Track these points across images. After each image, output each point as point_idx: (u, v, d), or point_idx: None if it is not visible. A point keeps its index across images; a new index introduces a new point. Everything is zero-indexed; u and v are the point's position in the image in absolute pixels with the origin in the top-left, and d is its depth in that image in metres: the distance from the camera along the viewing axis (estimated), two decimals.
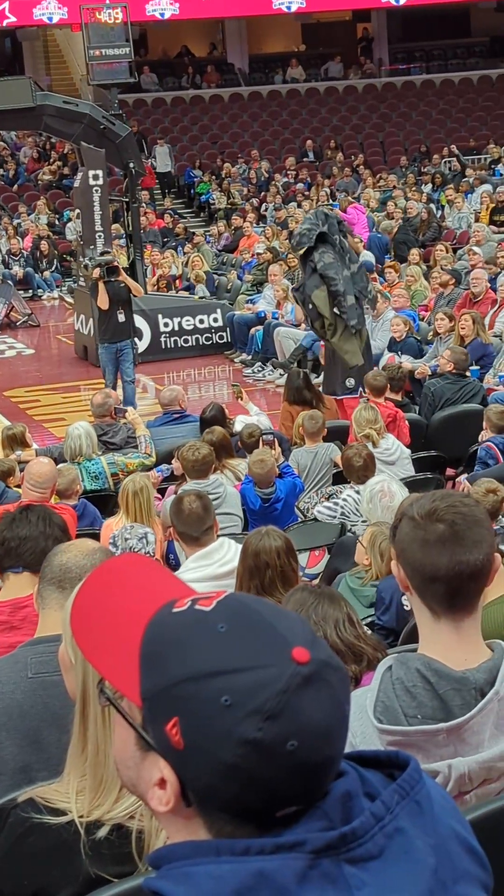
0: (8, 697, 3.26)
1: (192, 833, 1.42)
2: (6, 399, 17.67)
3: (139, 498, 7.70)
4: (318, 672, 1.40)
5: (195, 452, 8.19)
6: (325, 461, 9.61)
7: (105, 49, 20.80)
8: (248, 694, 1.37)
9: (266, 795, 1.38)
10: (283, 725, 1.36)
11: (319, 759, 1.38)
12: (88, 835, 2.40)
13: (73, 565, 3.27)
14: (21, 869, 2.48)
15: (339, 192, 30.25)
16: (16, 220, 29.63)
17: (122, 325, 15.52)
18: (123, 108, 23.04)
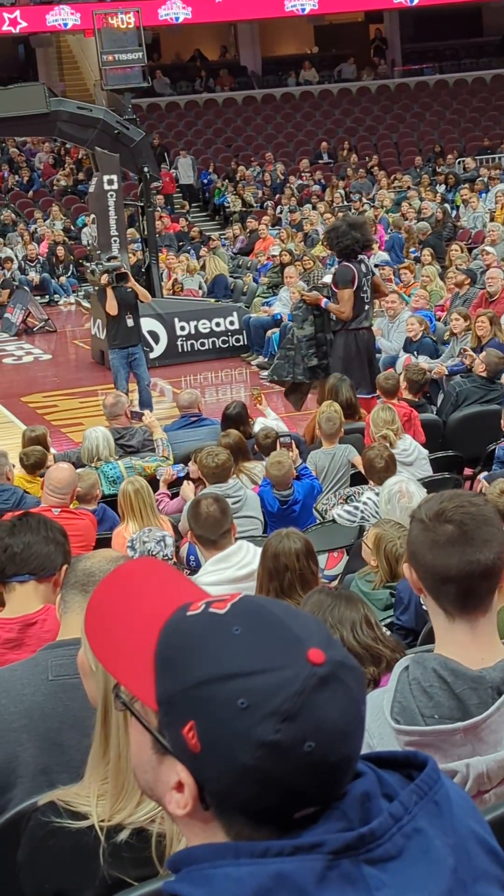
0: (29, 699, 3.28)
1: (211, 836, 1.43)
2: (24, 404, 17.71)
3: (140, 496, 7.71)
4: (333, 673, 1.40)
5: (214, 458, 8.20)
6: (342, 462, 9.60)
7: (118, 54, 20.83)
8: (265, 696, 1.37)
9: (284, 797, 1.38)
10: (300, 727, 1.36)
11: (337, 760, 1.38)
12: (109, 839, 2.41)
13: (97, 570, 3.28)
14: (42, 872, 2.49)
15: (354, 194, 30.26)
16: (32, 225, 29.70)
17: (132, 329, 15.54)
18: (137, 112, 23.10)
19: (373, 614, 4.21)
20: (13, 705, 3.30)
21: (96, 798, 2.46)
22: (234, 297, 21.95)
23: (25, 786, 3.16)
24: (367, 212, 27.38)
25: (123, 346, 15.43)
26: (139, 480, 8.01)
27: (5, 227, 29.73)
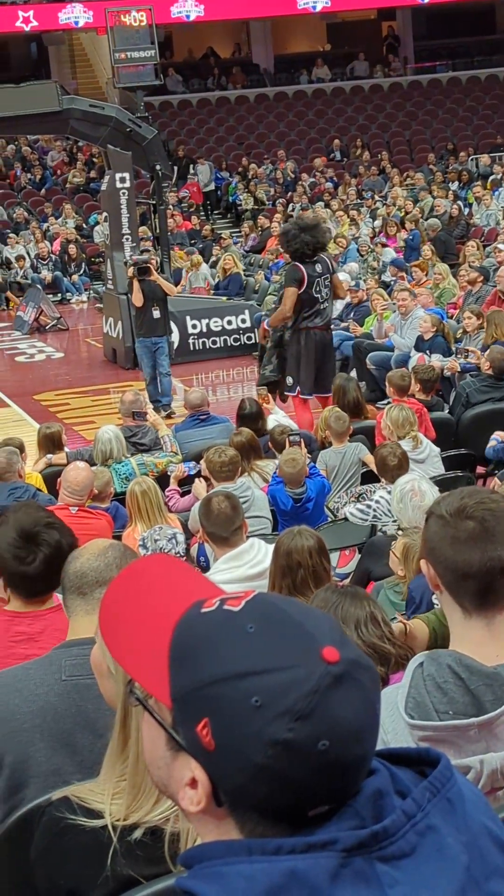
0: (42, 699, 3.28)
1: (224, 833, 1.42)
2: (36, 402, 17.73)
3: (148, 496, 7.71)
4: (348, 672, 1.39)
5: (221, 455, 8.18)
6: (353, 461, 9.59)
7: (130, 52, 20.84)
8: (279, 694, 1.37)
9: (298, 795, 1.37)
10: (313, 725, 1.36)
11: (351, 759, 1.38)
12: (122, 837, 2.41)
13: (88, 569, 3.29)
14: (55, 868, 2.49)
15: (366, 192, 30.24)
16: (44, 224, 29.75)
17: (157, 321, 16.04)
18: (149, 110, 23.14)
19: (381, 611, 4.19)
20: (26, 705, 3.30)
21: (111, 796, 2.46)
22: (246, 294, 21.94)
23: (38, 786, 3.16)
24: (380, 209, 27.38)
25: (148, 337, 16.03)
26: (147, 481, 8.00)
27: (18, 225, 29.78)
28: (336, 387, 11.15)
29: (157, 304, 15.93)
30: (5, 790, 3.31)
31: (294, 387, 12.82)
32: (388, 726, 2.54)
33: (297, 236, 12.87)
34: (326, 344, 13.10)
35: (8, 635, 3.96)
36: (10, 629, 3.99)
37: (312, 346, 12.82)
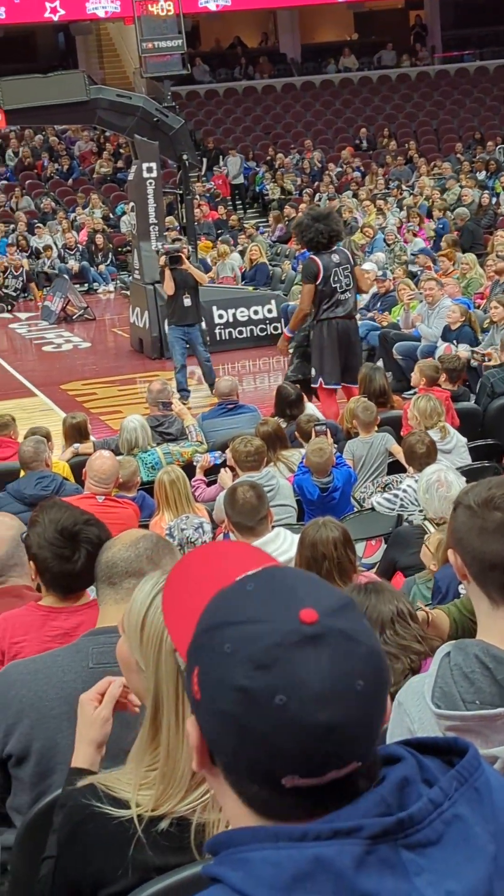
0: (69, 686, 3.30)
1: (234, 804, 1.44)
2: (63, 392, 17.77)
3: (176, 486, 7.73)
4: (322, 635, 1.39)
5: (247, 445, 8.18)
6: (380, 451, 9.59)
7: (157, 41, 20.83)
8: (247, 643, 1.39)
9: (262, 752, 1.38)
10: (271, 678, 1.37)
11: (312, 723, 1.37)
12: (149, 827, 2.42)
13: (119, 559, 3.30)
14: (79, 855, 2.50)
15: (393, 181, 30.17)
16: (71, 214, 29.78)
17: (188, 308, 16.10)
18: (176, 100, 23.12)
19: (407, 603, 4.18)
20: (54, 692, 3.32)
21: (138, 787, 2.47)
22: (272, 284, 21.91)
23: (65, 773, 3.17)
24: (407, 199, 27.31)
25: (179, 324, 16.13)
26: (175, 470, 8.02)
27: (45, 215, 29.82)
28: (362, 375, 11.15)
29: (188, 293, 16.02)
30: (33, 776, 3.34)
31: (317, 377, 12.81)
32: (415, 715, 2.54)
33: (311, 226, 12.90)
34: (350, 333, 13.06)
35: (44, 630, 3.97)
36: (45, 624, 3.99)
37: (335, 335, 12.79)
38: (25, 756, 3.35)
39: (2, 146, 33.06)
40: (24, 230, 28.38)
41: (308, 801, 1.39)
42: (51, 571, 4.02)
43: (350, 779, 1.40)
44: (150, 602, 2.55)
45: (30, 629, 3.99)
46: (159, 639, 2.50)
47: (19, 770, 3.37)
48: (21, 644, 3.96)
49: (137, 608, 2.57)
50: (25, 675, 3.39)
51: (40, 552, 4.03)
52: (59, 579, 4.02)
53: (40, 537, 4.06)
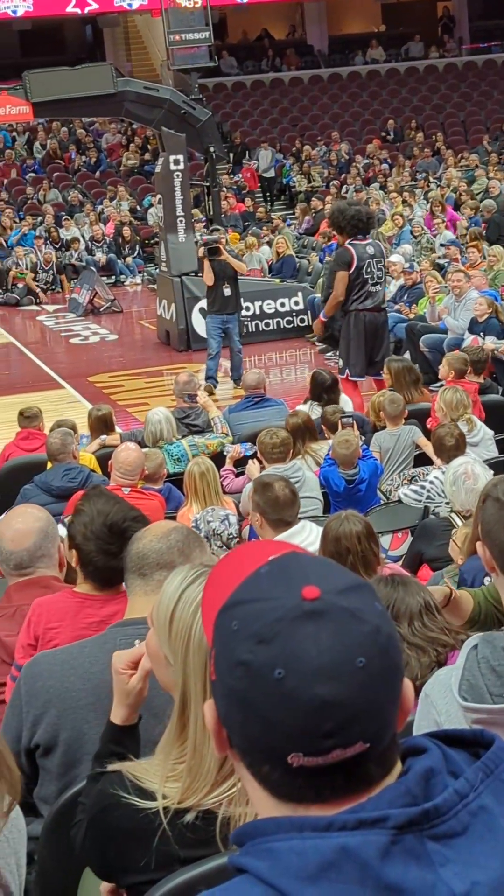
0: (97, 678, 3.30)
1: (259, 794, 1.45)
2: (90, 384, 17.80)
3: (206, 478, 7.75)
4: (324, 611, 1.40)
5: (273, 436, 8.18)
6: (407, 443, 9.58)
7: (185, 34, 20.82)
8: (251, 620, 1.42)
9: (265, 728, 1.39)
10: (272, 652, 1.39)
11: (310, 697, 1.37)
12: (174, 820, 2.43)
13: (149, 551, 3.29)
14: (103, 840, 2.52)
15: (420, 173, 30.08)
16: (98, 206, 29.82)
17: (228, 298, 16.35)
18: (203, 92, 23.08)
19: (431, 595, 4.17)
20: (81, 683, 3.33)
21: (164, 779, 2.48)
22: (299, 277, 21.89)
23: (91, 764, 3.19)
24: (434, 191, 27.22)
25: (219, 313, 16.37)
26: (205, 462, 8.03)
27: (73, 207, 29.87)
28: (398, 369, 11.09)
29: (227, 282, 16.26)
30: (60, 767, 3.35)
31: (344, 369, 12.80)
32: (442, 708, 2.55)
33: (348, 209, 13.08)
34: (378, 326, 13.04)
35: (79, 618, 3.97)
36: (81, 611, 4.00)
37: (362, 328, 12.79)
38: (52, 746, 3.36)
39: (30, 139, 33.12)
40: (51, 223, 28.43)
41: (317, 782, 1.40)
42: (94, 564, 4.02)
43: (359, 763, 1.40)
44: (178, 596, 2.56)
45: (65, 616, 3.99)
46: (188, 633, 2.51)
47: (46, 760, 3.39)
48: (56, 630, 3.96)
49: (166, 602, 2.57)
50: (53, 666, 3.40)
51: (85, 544, 4.02)
52: (102, 573, 4.02)
53: (87, 528, 4.04)
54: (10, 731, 3.41)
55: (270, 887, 1.36)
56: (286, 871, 1.35)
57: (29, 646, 4.02)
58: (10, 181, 31.53)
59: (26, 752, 3.39)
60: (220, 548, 7.41)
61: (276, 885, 1.35)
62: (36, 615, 4.07)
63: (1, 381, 18.88)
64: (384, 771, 1.43)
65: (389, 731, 1.43)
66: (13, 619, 4.31)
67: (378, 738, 1.41)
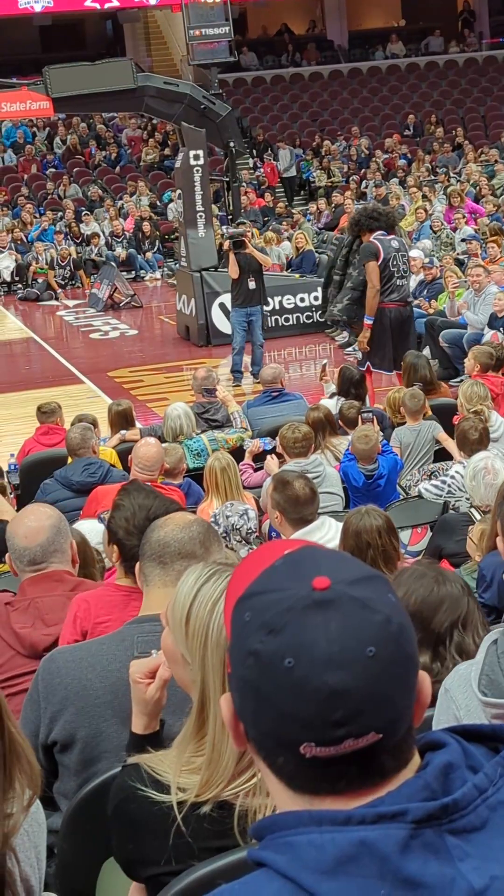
0: (114, 675, 3.30)
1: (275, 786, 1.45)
2: (110, 379, 17.83)
3: (227, 473, 7.76)
4: (333, 601, 1.41)
5: (295, 431, 8.19)
6: (427, 438, 9.57)
7: (205, 29, 20.84)
8: (262, 610, 1.43)
9: (276, 717, 1.40)
10: (281, 641, 1.39)
11: (318, 685, 1.38)
12: (190, 812, 2.43)
13: (171, 539, 3.26)
14: (124, 834, 2.52)
15: (440, 168, 30.01)
16: (118, 201, 29.83)
17: (252, 291, 16.48)
18: (223, 87, 23.12)
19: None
20: (99, 680, 3.33)
21: (179, 772, 2.48)
22: (318, 272, 21.86)
23: (109, 761, 3.19)
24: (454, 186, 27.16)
25: (243, 306, 16.51)
26: (226, 457, 8.04)
27: (93, 202, 29.90)
28: (406, 365, 11.10)
29: (252, 276, 16.38)
30: (78, 764, 3.35)
31: (365, 361, 12.79)
32: (462, 703, 2.54)
33: (367, 208, 13.44)
34: (404, 321, 13.02)
35: (127, 611, 3.96)
36: (128, 605, 3.98)
37: (388, 323, 12.77)
38: (70, 744, 3.36)
39: (50, 134, 33.16)
40: (71, 218, 28.48)
41: (331, 773, 1.40)
42: (136, 559, 4.02)
43: (373, 754, 1.40)
44: (194, 595, 2.55)
45: (113, 609, 4.00)
46: (205, 631, 2.50)
47: (64, 756, 3.39)
48: (106, 624, 3.96)
49: (182, 601, 2.56)
50: (70, 663, 3.39)
51: (128, 539, 4.00)
52: None
53: (129, 523, 4.03)
54: (28, 725, 3.41)
55: (289, 881, 1.36)
56: (305, 865, 1.36)
57: (75, 642, 4.02)
58: (30, 176, 31.58)
59: (44, 748, 3.40)
60: (239, 542, 7.42)
61: (294, 879, 1.36)
62: (82, 610, 4.07)
63: (21, 376, 18.95)
64: (399, 764, 1.43)
65: (403, 723, 1.43)
66: (27, 611, 4.34)
67: (391, 728, 1.41)
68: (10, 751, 2.18)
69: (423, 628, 3.58)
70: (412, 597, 3.64)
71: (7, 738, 2.18)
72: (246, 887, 1.40)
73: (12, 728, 2.20)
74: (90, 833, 3.00)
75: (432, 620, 3.60)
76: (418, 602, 3.63)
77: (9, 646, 4.28)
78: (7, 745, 2.18)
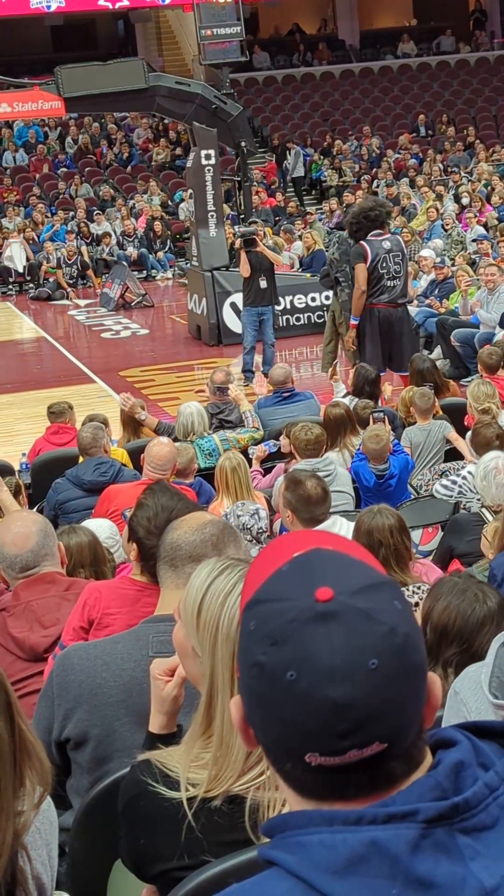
0: (128, 675, 3.30)
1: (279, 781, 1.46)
2: (121, 379, 17.83)
3: (238, 473, 7.77)
4: (336, 613, 1.40)
5: (308, 432, 8.20)
6: (438, 438, 9.56)
7: (216, 29, 20.81)
8: (266, 620, 1.43)
9: (281, 728, 1.40)
10: (284, 653, 1.40)
11: (320, 698, 1.37)
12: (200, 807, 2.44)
13: (183, 542, 3.25)
14: (132, 829, 2.53)
15: (452, 167, 29.98)
16: (130, 201, 29.86)
17: (264, 290, 16.42)
18: (235, 87, 23.10)
19: None
20: (113, 679, 3.33)
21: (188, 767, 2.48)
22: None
23: (122, 760, 3.19)
24: (465, 185, 27.13)
25: (255, 305, 16.44)
26: (237, 457, 8.05)
27: (104, 202, 29.92)
28: (412, 369, 11.10)
29: (263, 275, 16.33)
30: (90, 762, 3.36)
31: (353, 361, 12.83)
32: (472, 705, 2.55)
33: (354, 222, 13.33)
34: (394, 322, 13.04)
35: (137, 607, 3.98)
36: (139, 600, 4.01)
37: (377, 323, 12.83)
38: (83, 742, 3.36)
39: (61, 133, 33.19)
40: (83, 217, 28.51)
41: (339, 781, 1.40)
42: (154, 559, 4.02)
43: (380, 761, 1.40)
44: (206, 588, 2.55)
45: (124, 604, 4.02)
46: (215, 624, 2.51)
47: (77, 754, 3.39)
48: (114, 616, 3.99)
49: (194, 594, 2.56)
50: (84, 661, 3.39)
51: (148, 539, 3.99)
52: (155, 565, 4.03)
53: (150, 523, 4.03)
54: (41, 720, 3.42)
55: (300, 880, 1.36)
56: (316, 865, 1.36)
57: (81, 628, 4.05)
58: (42, 176, 31.62)
59: (57, 745, 3.40)
60: (250, 542, 7.42)
61: (305, 879, 1.36)
62: (93, 598, 4.10)
63: (33, 376, 18.97)
64: (409, 768, 1.43)
65: (411, 731, 1.42)
66: (23, 615, 4.37)
67: (397, 737, 1.40)
68: (21, 748, 2.19)
69: (466, 648, 3.57)
70: (454, 613, 3.62)
71: (18, 735, 2.19)
72: (257, 886, 1.40)
73: (23, 725, 2.21)
74: (102, 831, 3.00)
75: (475, 641, 3.60)
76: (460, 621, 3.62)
77: (8, 651, 4.31)
78: (18, 743, 2.19)
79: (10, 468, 9.90)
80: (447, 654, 3.60)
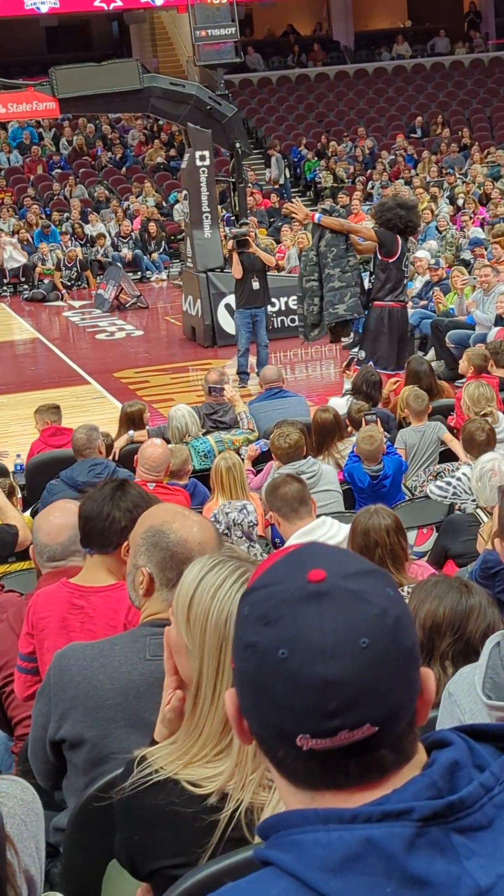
0: (125, 678, 3.29)
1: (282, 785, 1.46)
2: (116, 380, 17.84)
3: (233, 473, 7.78)
4: (327, 592, 1.41)
5: (285, 440, 8.20)
6: (432, 439, 9.57)
7: (211, 30, 20.82)
8: (259, 603, 1.45)
9: (272, 708, 1.41)
10: (276, 632, 1.41)
11: (311, 675, 1.38)
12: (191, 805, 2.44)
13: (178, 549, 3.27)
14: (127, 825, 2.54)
15: (447, 169, 30.01)
16: (124, 202, 29.85)
17: (257, 292, 16.42)
18: (229, 88, 23.10)
19: None
20: (110, 682, 3.32)
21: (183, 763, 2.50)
22: None
23: (117, 762, 3.19)
24: (459, 187, 27.16)
25: (247, 307, 16.42)
26: (232, 457, 8.06)
27: (99, 203, 29.92)
28: (410, 369, 11.09)
29: (256, 276, 16.33)
30: (86, 763, 3.36)
31: (368, 359, 12.77)
32: (466, 706, 2.55)
33: (393, 208, 12.97)
34: (404, 322, 13.20)
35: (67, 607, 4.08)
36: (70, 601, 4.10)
37: (396, 322, 12.86)
38: (78, 743, 3.36)
39: (56, 135, 33.19)
40: (77, 218, 28.49)
41: (329, 767, 1.41)
42: None
43: (370, 747, 1.40)
44: (197, 583, 2.57)
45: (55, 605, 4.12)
46: (205, 617, 2.52)
47: (73, 754, 3.39)
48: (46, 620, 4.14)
49: (185, 589, 2.58)
50: (82, 661, 3.38)
51: None
52: None
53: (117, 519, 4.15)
54: (40, 717, 3.45)
55: (295, 879, 1.36)
56: (311, 864, 1.36)
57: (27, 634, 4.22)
58: (36, 177, 31.61)
59: (52, 744, 3.41)
60: (240, 538, 7.43)
61: (301, 877, 1.36)
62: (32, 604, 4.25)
63: (27, 377, 18.97)
64: (399, 759, 1.43)
65: (402, 717, 1.43)
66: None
67: (388, 721, 1.41)
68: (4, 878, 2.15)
69: (459, 637, 3.59)
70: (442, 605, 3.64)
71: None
72: (252, 885, 1.41)
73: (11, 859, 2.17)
74: (97, 831, 3.00)
75: (466, 629, 3.61)
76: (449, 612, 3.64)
77: None
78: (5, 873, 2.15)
79: (4, 469, 9.91)
80: (442, 646, 3.61)
